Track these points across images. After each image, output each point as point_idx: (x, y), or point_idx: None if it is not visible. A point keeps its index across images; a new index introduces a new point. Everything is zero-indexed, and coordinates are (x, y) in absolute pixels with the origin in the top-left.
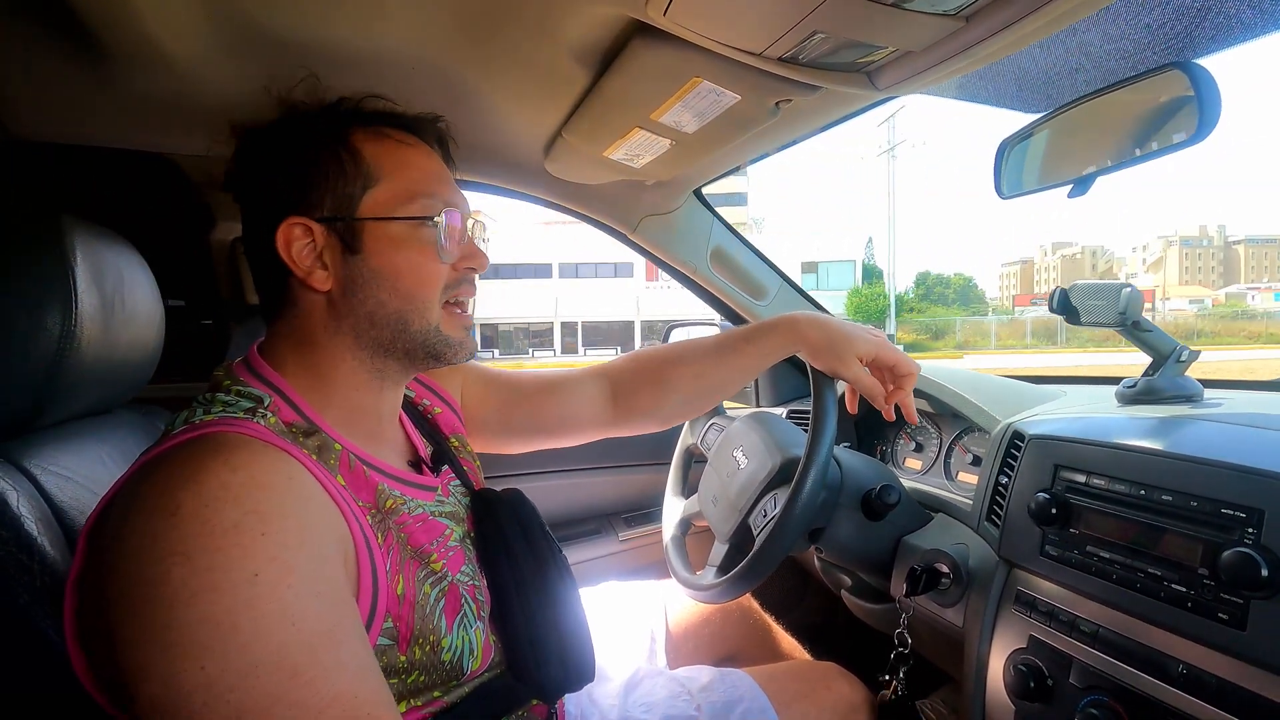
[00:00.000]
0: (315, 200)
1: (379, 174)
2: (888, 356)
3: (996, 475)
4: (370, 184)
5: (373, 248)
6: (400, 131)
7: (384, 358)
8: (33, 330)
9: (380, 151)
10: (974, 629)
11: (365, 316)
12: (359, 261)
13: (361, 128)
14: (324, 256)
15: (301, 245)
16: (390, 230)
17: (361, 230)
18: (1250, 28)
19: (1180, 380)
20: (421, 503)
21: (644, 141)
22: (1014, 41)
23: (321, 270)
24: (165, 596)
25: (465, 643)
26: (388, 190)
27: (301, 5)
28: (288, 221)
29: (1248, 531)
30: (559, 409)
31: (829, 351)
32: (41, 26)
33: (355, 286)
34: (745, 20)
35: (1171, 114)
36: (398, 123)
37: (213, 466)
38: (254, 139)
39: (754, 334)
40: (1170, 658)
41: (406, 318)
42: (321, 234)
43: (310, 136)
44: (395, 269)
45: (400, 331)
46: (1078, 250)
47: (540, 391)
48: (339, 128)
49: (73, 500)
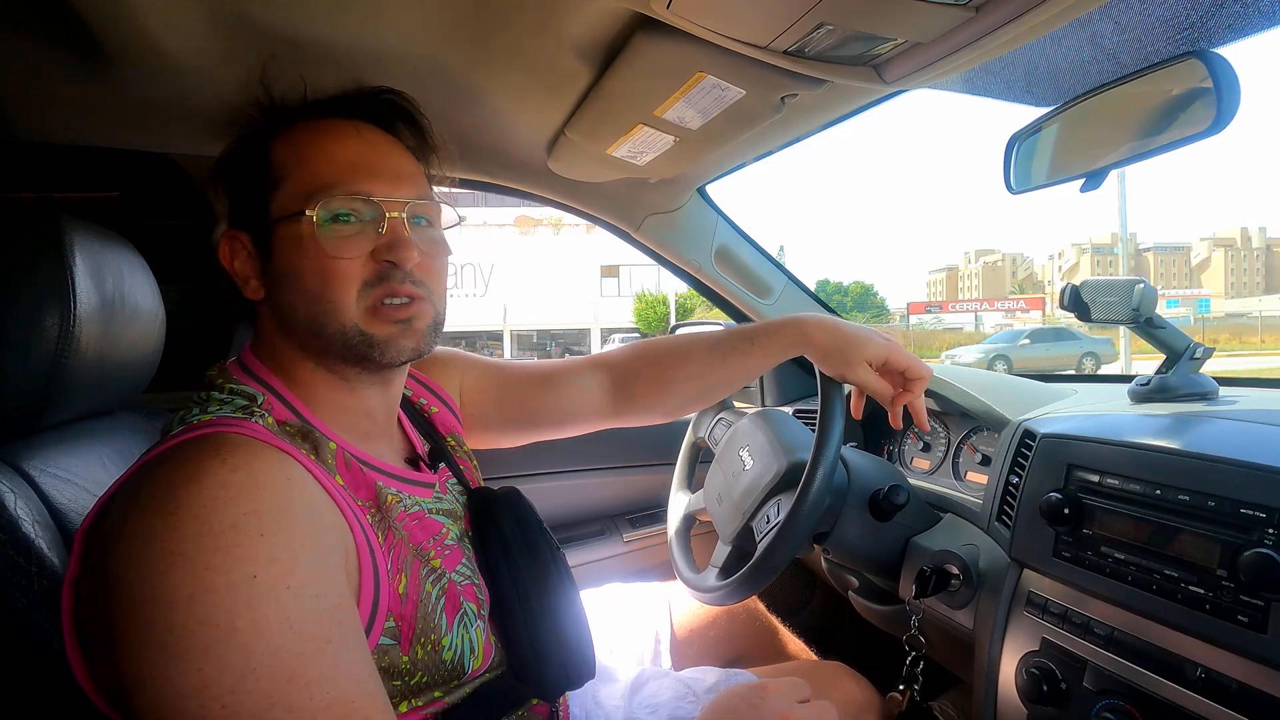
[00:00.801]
0: (237, 210)
1: (282, 173)
2: (899, 360)
3: (1007, 475)
4: (275, 185)
5: (279, 251)
6: (315, 120)
7: (329, 360)
8: (32, 332)
9: (286, 149)
10: (985, 631)
11: (288, 324)
12: (271, 268)
13: (283, 127)
14: (251, 264)
15: (241, 256)
16: (294, 230)
17: (270, 235)
18: (1270, 16)
19: (1194, 378)
20: (419, 499)
21: (647, 138)
22: (1025, 32)
23: (255, 279)
24: (163, 598)
25: (465, 641)
26: (288, 189)
27: (303, 5)
28: (226, 233)
29: (1268, 532)
30: (559, 401)
31: (838, 356)
32: (43, 28)
33: (275, 293)
34: (750, 12)
35: (1187, 105)
36: (319, 109)
37: (211, 467)
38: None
39: (758, 334)
40: (1188, 661)
41: (319, 320)
42: (246, 242)
43: (236, 146)
44: (297, 270)
45: (317, 335)
46: (999, 258)
47: (539, 383)
48: (261, 129)
49: (71, 502)
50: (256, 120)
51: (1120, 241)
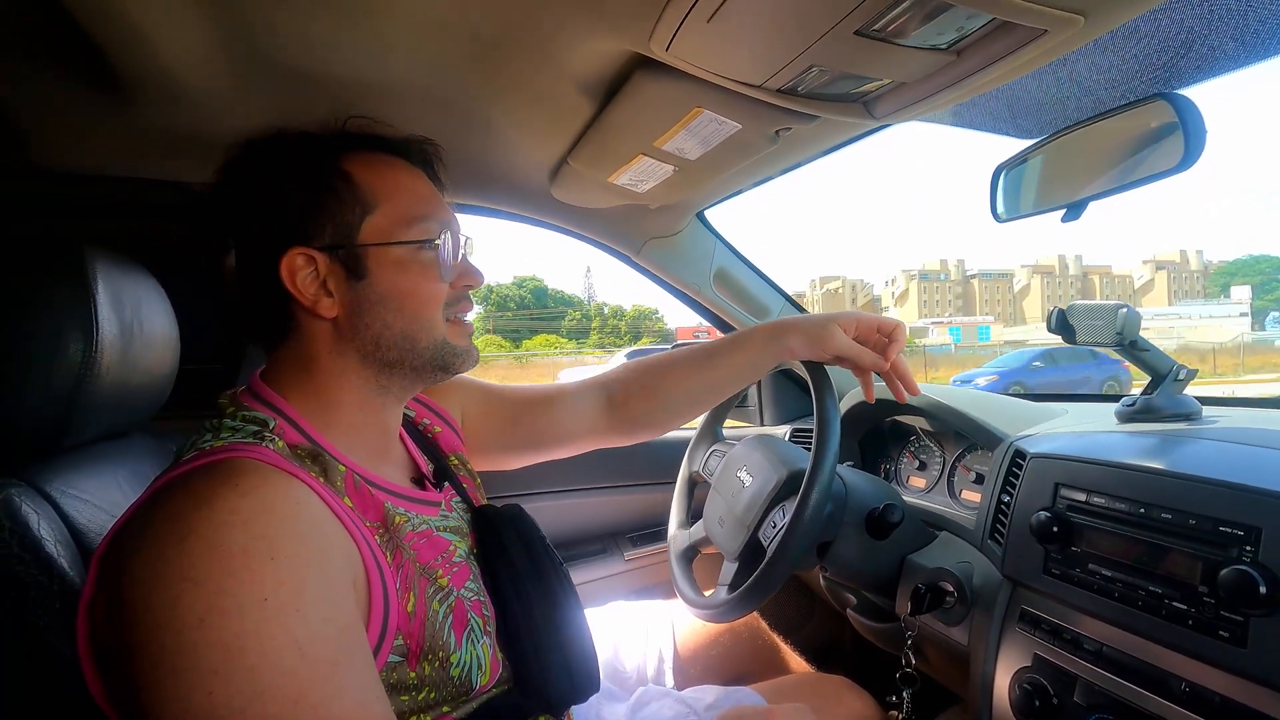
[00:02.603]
0: (315, 230)
1: (375, 199)
2: (868, 320)
3: (999, 493)
4: (368, 210)
5: (377, 272)
6: (389, 155)
7: (389, 375)
8: (56, 356)
9: (373, 176)
10: (979, 648)
11: (372, 339)
12: (364, 286)
13: (352, 153)
14: (328, 284)
15: (305, 274)
16: (392, 254)
17: (365, 256)
18: (1234, 59)
19: (1179, 399)
20: (426, 518)
21: (647, 168)
22: (1004, 74)
23: (327, 297)
24: (175, 622)
25: (474, 658)
26: (385, 215)
27: (314, 39)
28: (291, 252)
29: (1246, 549)
30: (557, 423)
31: (814, 340)
32: (64, 60)
33: (361, 310)
34: (745, 55)
35: (1159, 141)
36: (386, 146)
37: (223, 492)
38: (245, 171)
39: (740, 339)
40: (1173, 675)
41: (414, 336)
42: (324, 262)
43: (304, 166)
44: (400, 291)
45: (408, 350)
46: (840, 284)
47: (539, 406)
48: (331, 155)
49: (90, 523)
50: (315, 146)
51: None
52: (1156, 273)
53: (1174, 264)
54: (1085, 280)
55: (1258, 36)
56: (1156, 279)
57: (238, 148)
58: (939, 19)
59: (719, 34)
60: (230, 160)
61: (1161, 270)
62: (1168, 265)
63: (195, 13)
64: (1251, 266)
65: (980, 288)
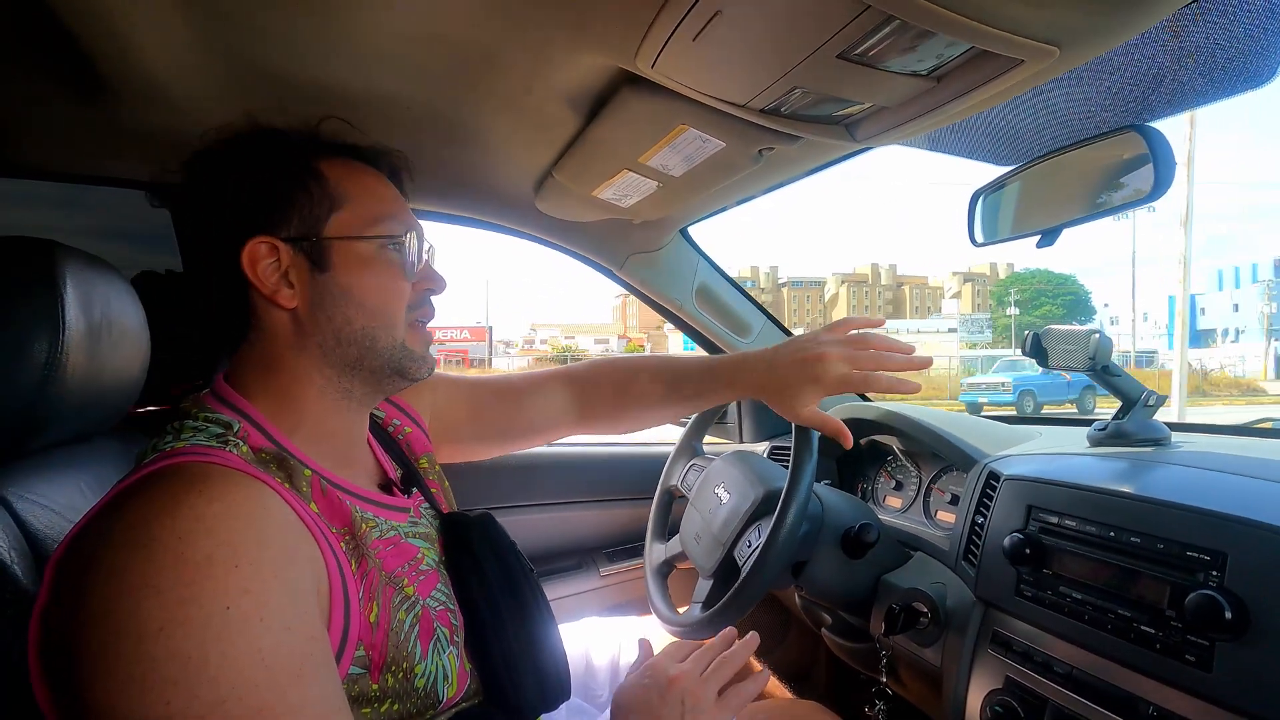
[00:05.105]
0: (281, 220)
1: (344, 198)
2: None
3: (973, 515)
4: (336, 207)
5: (340, 266)
6: (360, 162)
7: (350, 377)
8: (18, 359)
9: (345, 176)
10: (952, 669)
11: (332, 333)
12: (327, 280)
13: (326, 154)
14: (289, 275)
15: (267, 264)
16: (358, 249)
17: (329, 249)
18: (1202, 94)
19: (1149, 423)
20: (395, 524)
21: (632, 183)
22: (982, 101)
23: (287, 288)
24: (134, 630)
25: (439, 668)
26: (353, 212)
27: (300, 47)
28: (254, 240)
29: (1212, 574)
30: (527, 414)
31: (779, 397)
32: (45, 62)
33: (323, 303)
34: (729, 75)
35: (1130, 171)
36: (359, 154)
37: (187, 498)
38: (215, 159)
39: (708, 381)
40: (1140, 699)
41: (374, 334)
42: (288, 253)
43: (277, 159)
44: (363, 286)
45: (368, 348)
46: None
47: (508, 397)
48: (305, 152)
49: (48, 529)
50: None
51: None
52: (964, 285)
53: (983, 276)
54: (897, 290)
55: (1225, 74)
56: (964, 290)
57: (212, 135)
58: (920, 46)
59: (704, 53)
60: (204, 148)
61: (969, 283)
62: (976, 278)
63: (180, 16)
64: (1027, 280)
65: (789, 296)
